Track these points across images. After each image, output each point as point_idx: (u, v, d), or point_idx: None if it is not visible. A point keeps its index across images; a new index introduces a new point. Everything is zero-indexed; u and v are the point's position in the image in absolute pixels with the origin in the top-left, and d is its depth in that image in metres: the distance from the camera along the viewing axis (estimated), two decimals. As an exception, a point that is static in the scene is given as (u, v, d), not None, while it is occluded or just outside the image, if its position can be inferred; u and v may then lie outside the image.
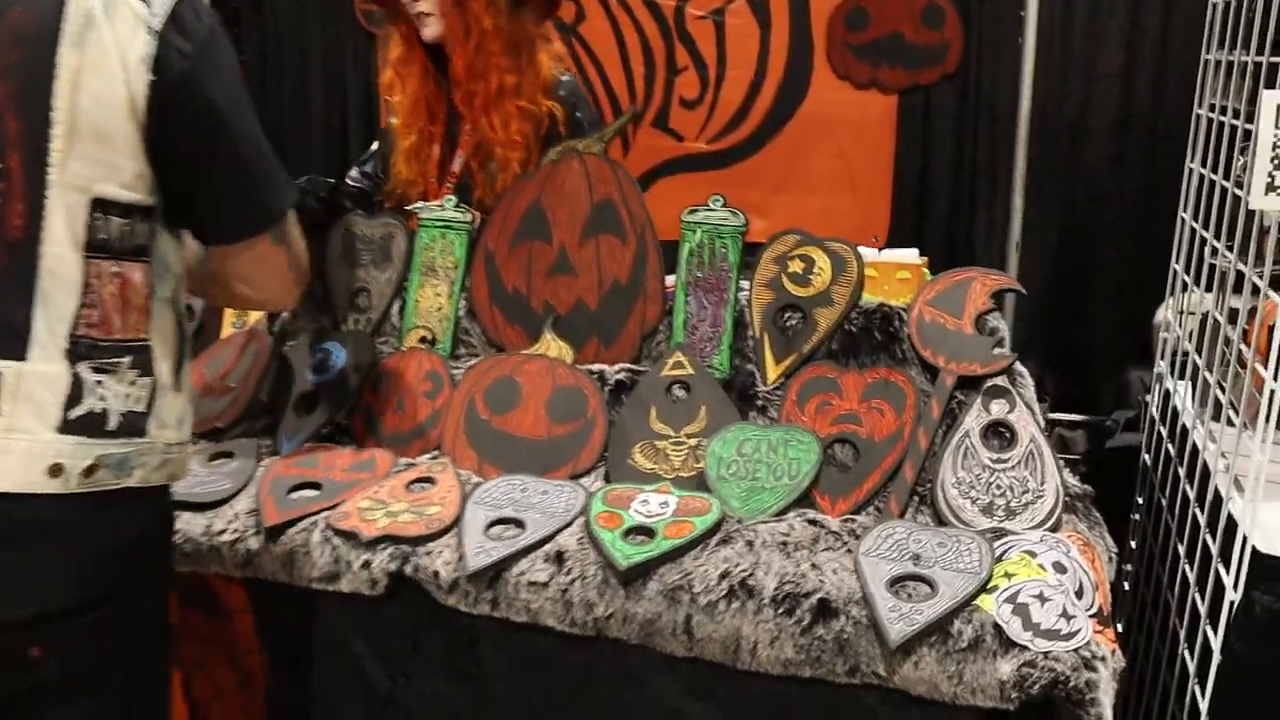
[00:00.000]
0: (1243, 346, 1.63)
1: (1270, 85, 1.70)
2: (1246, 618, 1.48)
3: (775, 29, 3.38)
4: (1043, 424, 1.92)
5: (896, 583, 1.69)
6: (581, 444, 2.03)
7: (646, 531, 1.80)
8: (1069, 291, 3.31)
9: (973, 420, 1.90)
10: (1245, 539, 1.48)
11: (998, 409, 1.91)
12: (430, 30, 2.39)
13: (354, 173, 2.59)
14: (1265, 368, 1.46)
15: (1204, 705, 1.56)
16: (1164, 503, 2.02)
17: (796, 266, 2.07)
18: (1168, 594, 1.90)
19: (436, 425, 2.11)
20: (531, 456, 2.03)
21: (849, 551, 1.77)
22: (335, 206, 2.44)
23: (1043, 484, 1.84)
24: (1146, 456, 2.26)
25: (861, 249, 2.11)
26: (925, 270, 2.08)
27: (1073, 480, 1.88)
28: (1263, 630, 1.47)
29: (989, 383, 1.92)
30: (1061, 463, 1.89)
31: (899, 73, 3.30)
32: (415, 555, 1.83)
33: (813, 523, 1.84)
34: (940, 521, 1.84)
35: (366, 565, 1.84)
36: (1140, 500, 2.28)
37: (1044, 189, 3.26)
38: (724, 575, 1.72)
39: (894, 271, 2.04)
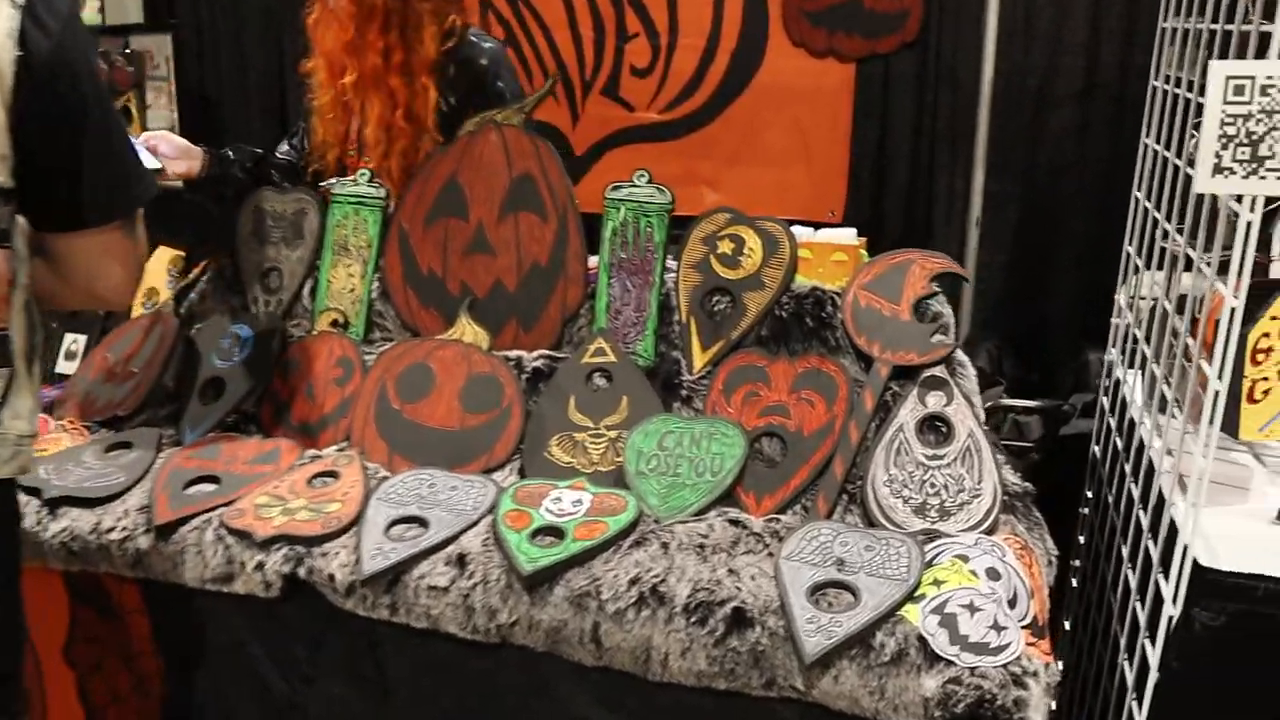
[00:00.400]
0: (1190, 339, 1.52)
1: (1225, 55, 1.58)
2: (1186, 634, 1.37)
3: (730, -6, 3.23)
4: (982, 417, 1.81)
5: (818, 590, 1.58)
6: (496, 435, 1.91)
7: (556, 532, 1.69)
8: (1030, 267, 3.19)
9: (908, 413, 1.79)
10: (1186, 550, 1.37)
11: (934, 401, 1.79)
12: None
13: (283, 146, 2.45)
14: (1209, 364, 1.35)
15: (1139, 722, 1.46)
16: (1110, 499, 1.92)
17: (726, 247, 1.95)
18: (1110, 597, 1.79)
19: (346, 414, 1.99)
20: (443, 448, 1.91)
21: (770, 555, 1.66)
22: (261, 177, 2.31)
23: (980, 482, 1.73)
24: (1096, 448, 2.15)
25: (800, 229, 1.98)
26: (863, 252, 1.95)
27: (1013, 478, 1.77)
28: (1202, 649, 1.37)
29: (926, 373, 1.81)
30: (1001, 459, 1.78)
31: (856, 41, 3.16)
32: (310, 557, 1.72)
33: (734, 523, 1.73)
34: (870, 522, 1.73)
35: (260, 567, 1.73)
36: (1089, 494, 2.17)
37: (1005, 161, 3.13)
38: (634, 581, 1.61)
39: (830, 253, 1.92)
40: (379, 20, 2.18)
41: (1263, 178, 1.24)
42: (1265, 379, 1.39)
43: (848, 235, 1.96)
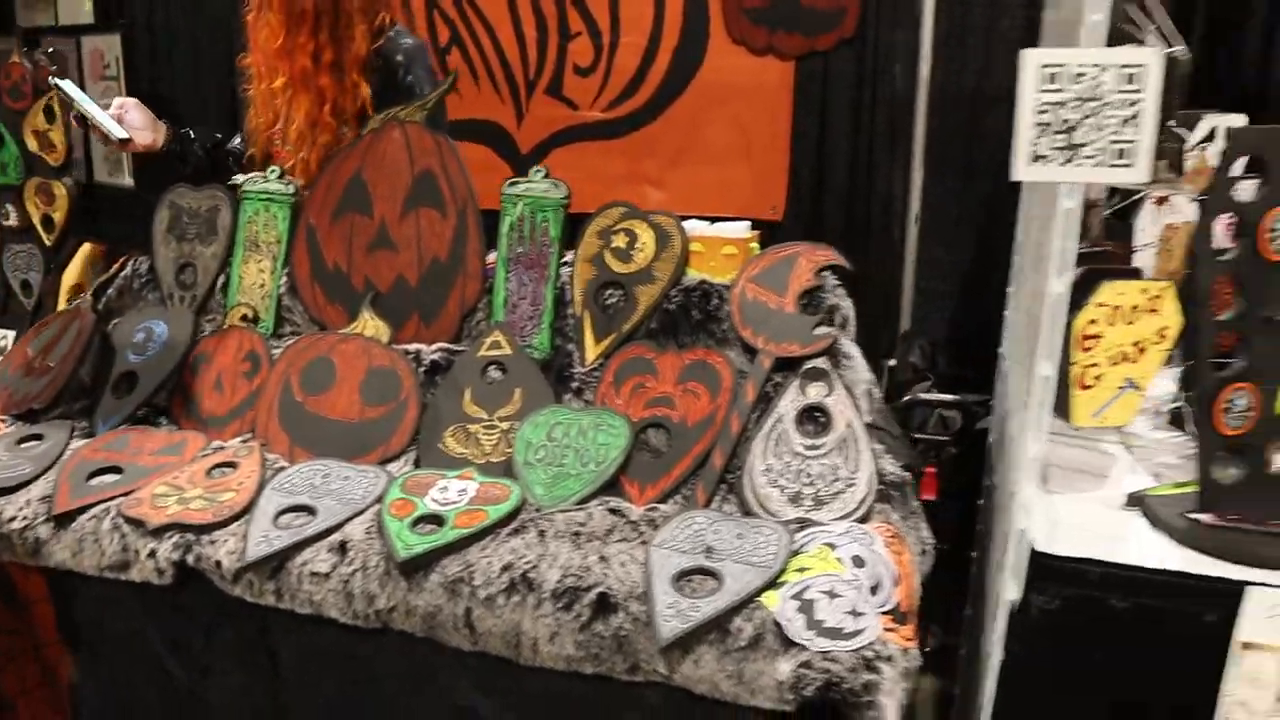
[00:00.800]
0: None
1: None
2: (1024, 618, 1.40)
3: (670, -8, 3.26)
4: (865, 407, 1.84)
5: (684, 576, 1.61)
6: (393, 427, 1.95)
7: (436, 520, 1.72)
8: (969, 263, 3.21)
9: (788, 404, 1.82)
10: (1022, 535, 1.40)
11: (815, 392, 1.82)
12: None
13: (236, 139, 2.51)
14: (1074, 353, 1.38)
15: (988, 706, 1.49)
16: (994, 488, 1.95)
17: (620, 241, 1.98)
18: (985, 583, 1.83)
19: (253, 407, 2.03)
20: (343, 440, 1.95)
21: (644, 543, 1.69)
22: (218, 161, 2.38)
23: (855, 472, 1.76)
24: (991, 439, 2.18)
25: (695, 223, 2.01)
26: (754, 245, 1.98)
27: (892, 468, 1.80)
28: (1040, 632, 1.40)
29: (808, 364, 1.84)
30: (881, 449, 1.81)
31: (796, 38, 3.19)
32: (199, 544, 1.76)
33: (614, 511, 1.76)
34: (746, 511, 1.76)
35: (153, 554, 1.77)
36: (985, 484, 2.20)
37: (944, 158, 3.16)
38: (506, 568, 1.64)
39: (720, 246, 1.95)
40: (309, 23, 2.21)
41: (1079, 165, 1.27)
42: (1095, 365, 1.42)
43: (739, 229, 1.98)
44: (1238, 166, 1.32)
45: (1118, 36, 1.36)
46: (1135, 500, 1.49)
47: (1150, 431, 1.75)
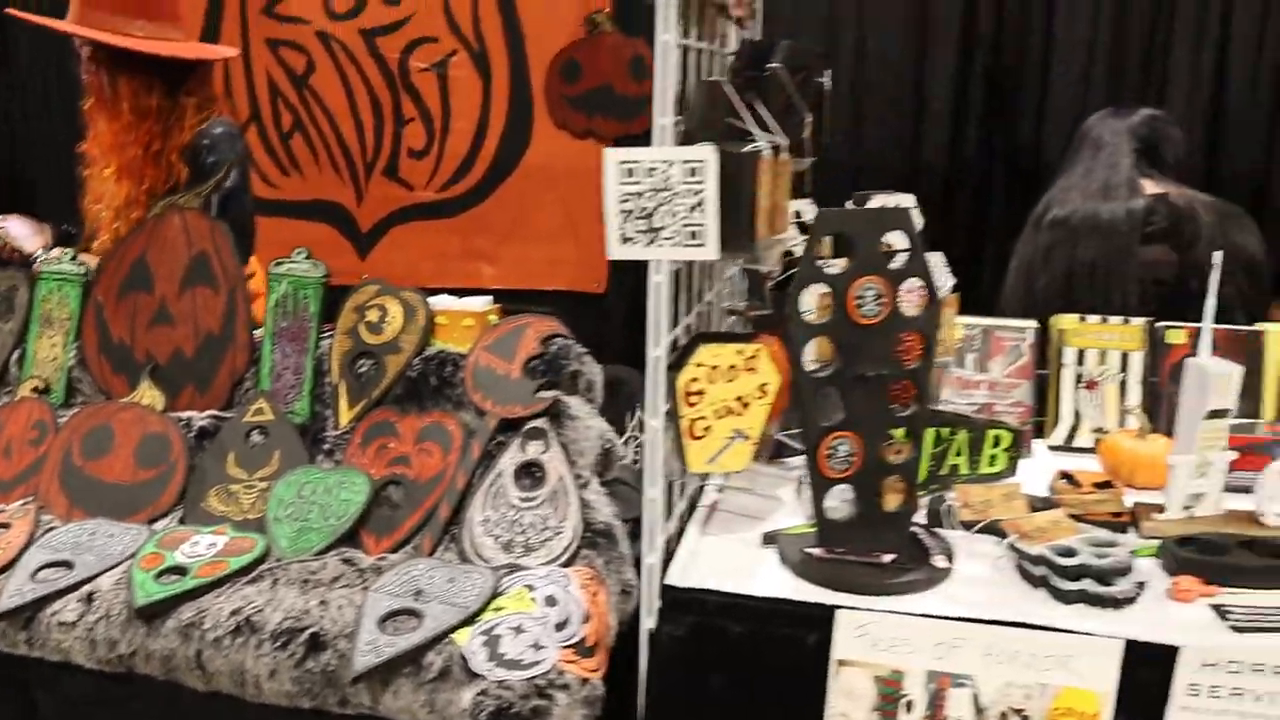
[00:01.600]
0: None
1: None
2: (658, 645, 1.59)
3: (496, 81, 3.51)
4: (583, 461, 2.03)
5: (391, 617, 1.78)
6: (163, 488, 2.11)
7: (180, 571, 1.88)
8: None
9: (508, 460, 2.01)
10: (651, 567, 1.59)
11: (533, 449, 2.02)
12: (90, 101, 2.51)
13: None
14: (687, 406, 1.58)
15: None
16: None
17: (373, 315, 2.18)
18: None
19: (37, 472, 2.18)
20: (117, 501, 2.11)
21: (366, 589, 1.86)
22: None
23: (563, 521, 1.95)
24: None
25: (444, 298, 2.21)
26: (492, 317, 2.19)
27: (603, 516, 1.99)
28: (672, 658, 1.58)
29: (529, 425, 2.03)
30: (592, 499, 2.00)
31: (612, 123, 3.44)
32: (-40, 600, 1.90)
33: (346, 561, 1.93)
34: (464, 558, 1.94)
35: (-80, 610, 1.91)
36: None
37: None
38: (235, 612, 1.80)
39: (461, 319, 2.15)
40: (150, 119, 2.43)
41: (660, 245, 1.49)
42: (703, 418, 1.63)
43: (480, 303, 2.19)
44: (826, 244, 1.55)
45: (727, 132, 1.59)
46: (770, 538, 1.69)
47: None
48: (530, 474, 2.01)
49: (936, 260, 2.00)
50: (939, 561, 1.61)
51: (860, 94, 3.30)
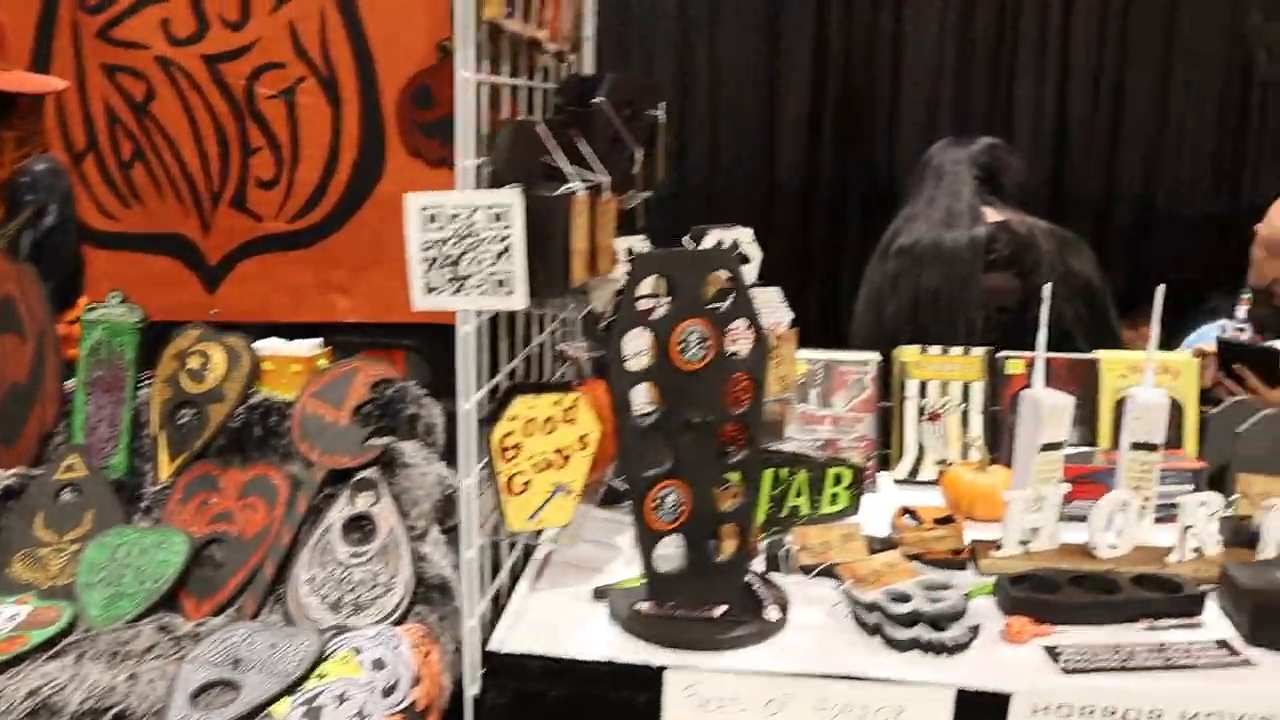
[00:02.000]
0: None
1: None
2: (483, 713, 1.52)
3: (346, 108, 3.40)
4: (416, 512, 1.95)
5: (206, 689, 1.67)
6: (-39, 553, 1.96)
7: (-27, 648, 1.74)
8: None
9: (336, 514, 1.91)
10: (472, 630, 1.52)
11: (363, 501, 1.92)
12: None
13: None
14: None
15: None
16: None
17: (195, 362, 2.06)
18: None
19: None
20: (-88, 569, 1.95)
21: (180, 659, 1.74)
22: None
23: (394, 576, 1.85)
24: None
25: (271, 341, 2.11)
26: (322, 361, 2.09)
27: (437, 570, 1.90)
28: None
29: (358, 475, 1.94)
30: (431, 550, 1.91)
31: (467, 151, 3.36)
32: None
33: (162, 629, 1.81)
34: (289, 620, 1.84)
35: None
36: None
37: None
38: (33, 693, 1.66)
39: (289, 364, 2.05)
40: None
41: (468, 294, 1.42)
42: (521, 473, 1.57)
43: (308, 346, 2.09)
44: (646, 285, 1.50)
45: (538, 172, 1.54)
46: (600, 593, 1.64)
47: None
48: (360, 527, 1.91)
49: (772, 295, 1.98)
50: (771, 614, 1.57)
51: (714, 121, 3.30)
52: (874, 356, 2.16)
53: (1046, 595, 1.65)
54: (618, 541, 1.86)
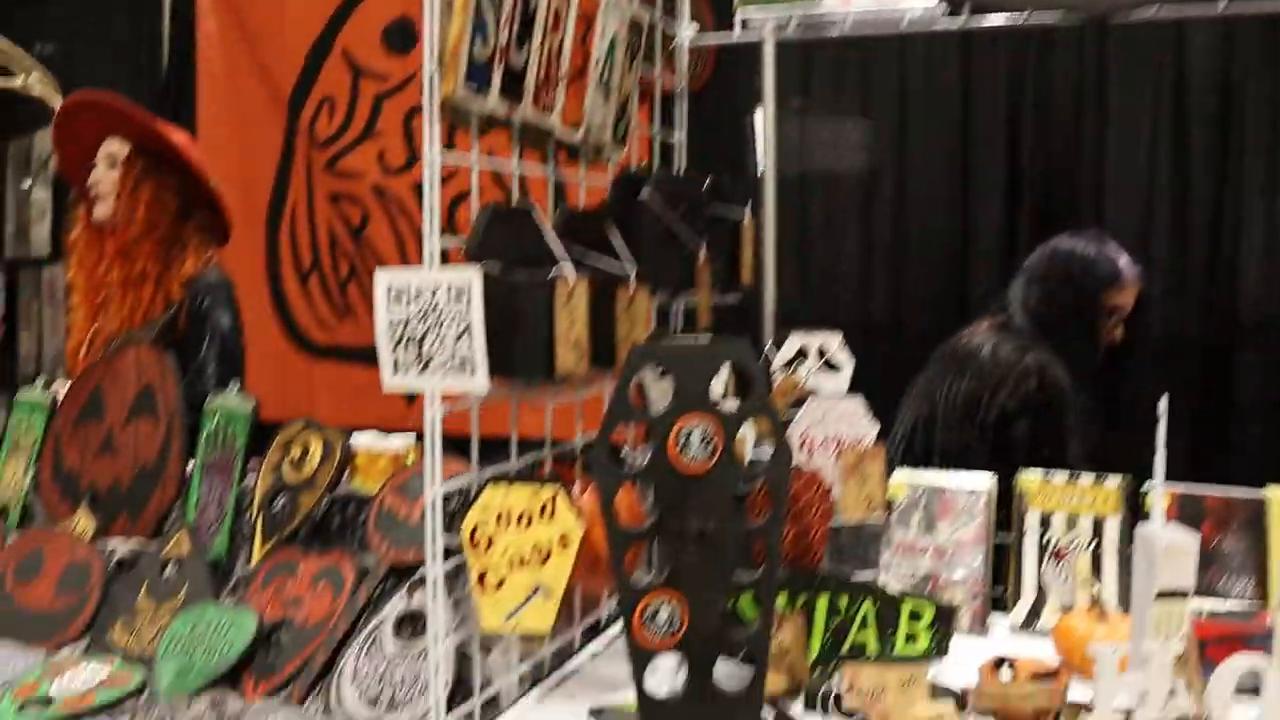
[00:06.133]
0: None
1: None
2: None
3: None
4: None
5: (224, 770, 1.67)
6: (74, 617, 2.09)
7: (47, 702, 1.84)
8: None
9: (390, 609, 1.89)
10: None
11: (420, 599, 1.89)
12: (100, 210, 2.63)
13: None
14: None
15: None
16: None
17: (295, 452, 2.14)
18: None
19: (-25, 596, 2.21)
20: (34, 627, 2.10)
21: (216, 737, 1.76)
22: None
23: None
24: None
25: (366, 435, 2.16)
26: (412, 457, 2.11)
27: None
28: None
29: (419, 572, 1.92)
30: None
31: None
32: None
33: (214, 705, 1.84)
34: (327, 710, 1.82)
35: None
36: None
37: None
38: (79, 750, 1.74)
39: (377, 459, 2.08)
40: (156, 234, 2.56)
41: (432, 374, 1.38)
42: (495, 568, 1.47)
43: (399, 442, 2.12)
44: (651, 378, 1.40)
45: (529, 257, 1.49)
46: (595, 714, 1.50)
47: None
48: (412, 625, 1.88)
49: (855, 406, 1.81)
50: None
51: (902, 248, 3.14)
52: (987, 481, 1.91)
53: (1127, 775, 1.35)
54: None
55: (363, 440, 2.14)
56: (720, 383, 1.71)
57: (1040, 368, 2.43)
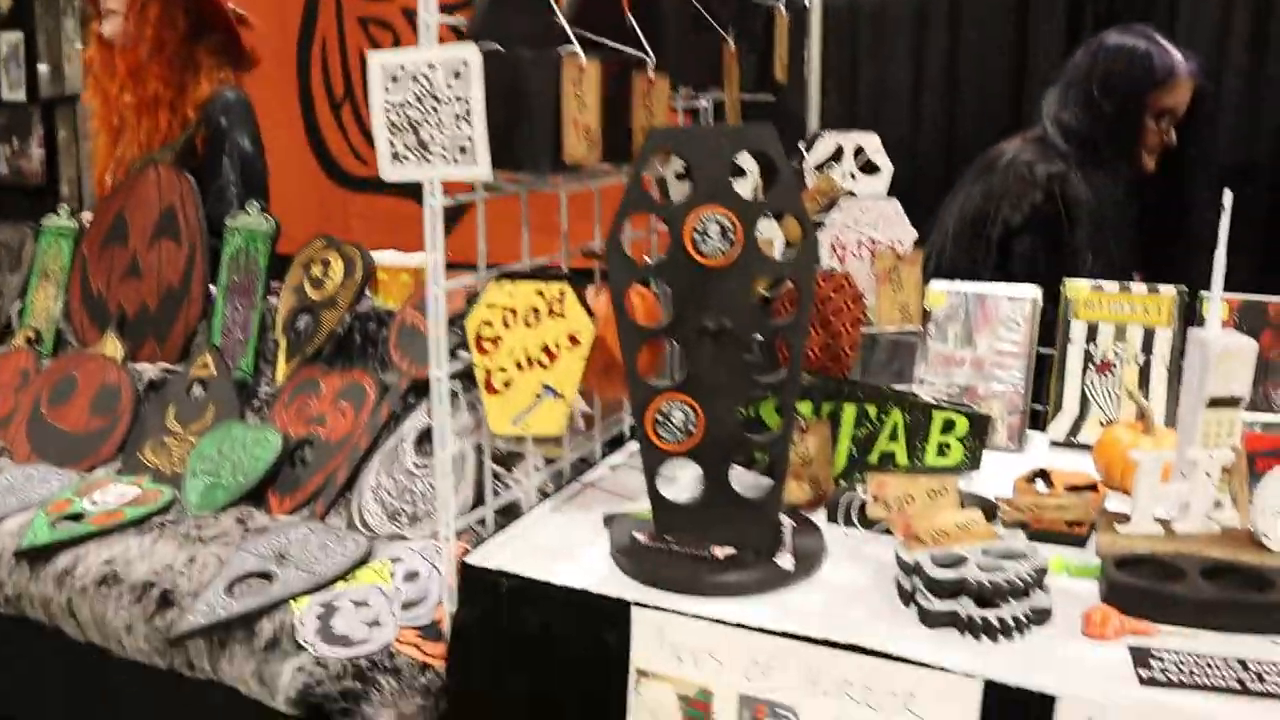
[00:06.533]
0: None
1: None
2: (457, 629, 1.40)
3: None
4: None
5: (245, 578, 1.67)
6: (107, 438, 2.11)
7: (78, 517, 1.85)
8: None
9: (411, 424, 1.87)
10: (448, 541, 1.40)
11: (440, 414, 1.86)
12: (108, 27, 2.54)
13: None
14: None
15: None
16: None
17: (316, 270, 2.09)
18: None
19: (12, 418, 2.23)
20: (69, 448, 2.12)
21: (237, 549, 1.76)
22: None
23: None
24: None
25: (389, 253, 2.10)
26: (431, 275, 2.04)
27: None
28: (469, 643, 1.39)
29: (440, 387, 1.88)
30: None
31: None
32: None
33: (240, 520, 1.85)
34: (350, 524, 1.81)
35: None
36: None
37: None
38: (107, 562, 1.75)
39: (399, 274, 2.03)
40: (166, 54, 2.48)
41: (432, 164, 1.30)
42: (503, 370, 1.41)
43: (421, 257, 2.05)
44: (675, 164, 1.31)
45: (537, 36, 1.38)
46: (608, 520, 1.46)
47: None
48: (432, 440, 1.85)
49: (892, 209, 1.70)
50: (784, 561, 1.32)
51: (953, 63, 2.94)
52: (1033, 290, 1.80)
53: (1160, 585, 1.28)
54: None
55: (384, 257, 2.08)
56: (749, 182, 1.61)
57: (1050, 179, 2.26)
